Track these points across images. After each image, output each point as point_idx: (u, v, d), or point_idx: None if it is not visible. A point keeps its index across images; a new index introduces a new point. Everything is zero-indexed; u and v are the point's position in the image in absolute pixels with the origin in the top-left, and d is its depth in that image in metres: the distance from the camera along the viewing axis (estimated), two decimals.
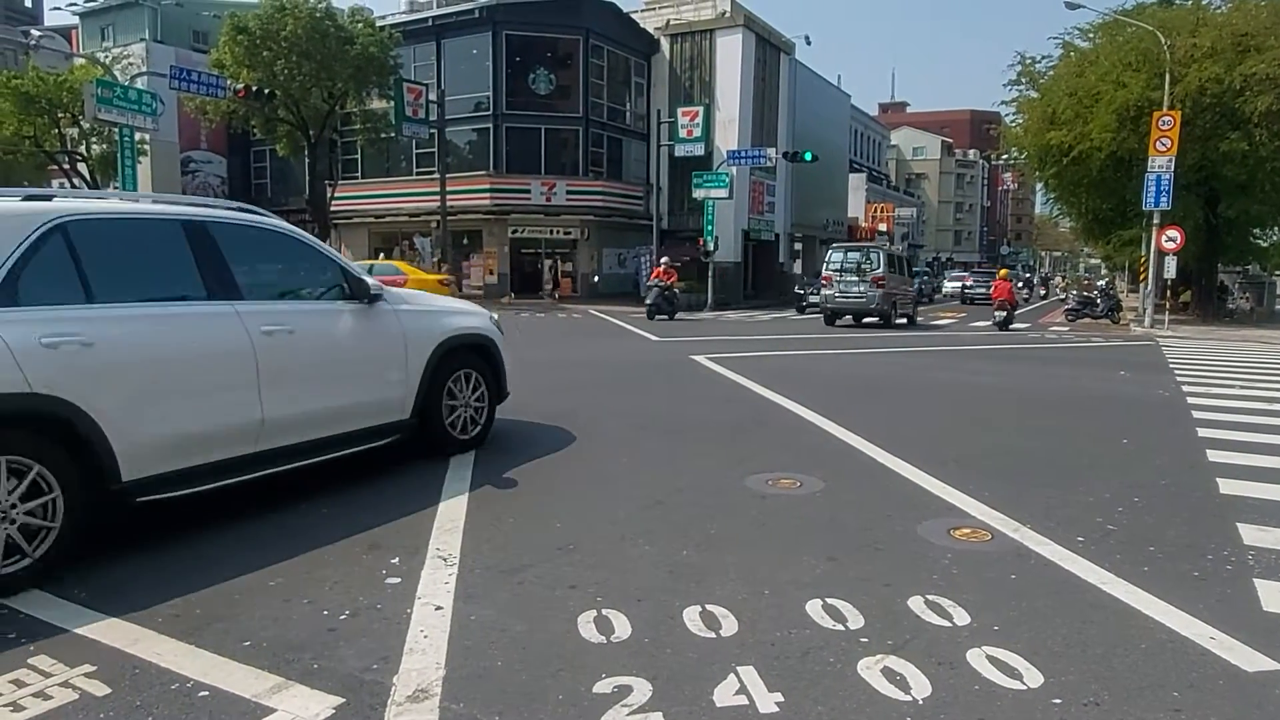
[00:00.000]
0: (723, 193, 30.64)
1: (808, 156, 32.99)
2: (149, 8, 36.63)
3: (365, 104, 29.14)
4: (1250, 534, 4.46)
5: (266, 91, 24.00)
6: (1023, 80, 25.81)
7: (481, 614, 3.38)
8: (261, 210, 5.12)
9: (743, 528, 4.56)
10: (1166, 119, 20.01)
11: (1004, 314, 21.19)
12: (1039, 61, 25.69)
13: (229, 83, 24.04)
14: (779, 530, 4.52)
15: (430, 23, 32.80)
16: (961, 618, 3.38)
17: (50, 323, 3.64)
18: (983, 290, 35.35)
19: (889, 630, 3.26)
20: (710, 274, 30.29)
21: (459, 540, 4.23)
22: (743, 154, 31.97)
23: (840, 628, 3.28)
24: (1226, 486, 5.43)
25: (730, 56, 35.21)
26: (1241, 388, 10.47)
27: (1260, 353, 15.75)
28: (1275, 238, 32.13)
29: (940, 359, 14.17)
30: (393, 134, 29.18)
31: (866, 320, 21.08)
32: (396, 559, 3.96)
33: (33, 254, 3.70)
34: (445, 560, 3.95)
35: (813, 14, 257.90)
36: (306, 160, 28.68)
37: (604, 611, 3.38)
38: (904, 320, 22.02)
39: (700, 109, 32.24)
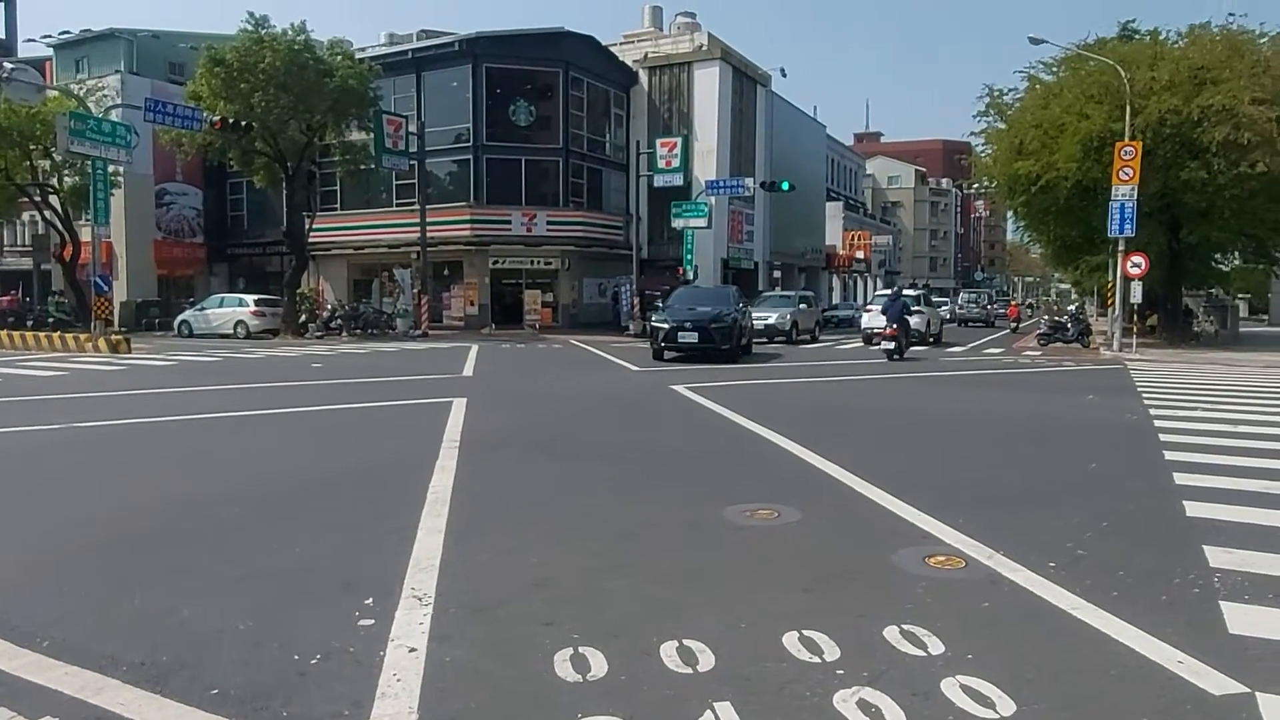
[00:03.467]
0: (702, 222, 30.93)
1: (785, 186, 33.49)
2: (124, 39, 36.61)
3: (344, 136, 29.20)
4: (1216, 556, 4.54)
5: (243, 124, 24.01)
6: (991, 112, 26.34)
7: (456, 655, 3.36)
8: None
9: (720, 560, 4.58)
10: (1128, 149, 20.50)
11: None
12: (1006, 94, 26.26)
13: (205, 115, 24.05)
14: (756, 562, 4.54)
15: (410, 55, 33.03)
16: (936, 647, 3.41)
17: None
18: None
19: (865, 661, 3.28)
20: None
21: (434, 578, 4.21)
22: (721, 184, 32.35)
23: (816, 660, 3.30)
24: (1193, 509, 5.52)
25: (708, 88, 35.74)
26: (1207, 410, 10.66)
27: (1225, 375, 16.04)
28: (1236, 262, 32.79)
29: (915, 386, 14.31)
30: (372, 166, 29.23)
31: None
32: (370, 599, 3.94)
33: None
34: (420, 600, 3.93)
35: (788, 47, 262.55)
36: (284, 192, 28.60)
37: (580, 649, 3.37)
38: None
39: (679, 140, 32.63)
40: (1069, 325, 25.39)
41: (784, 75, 41.84)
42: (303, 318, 29.43)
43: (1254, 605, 3.87)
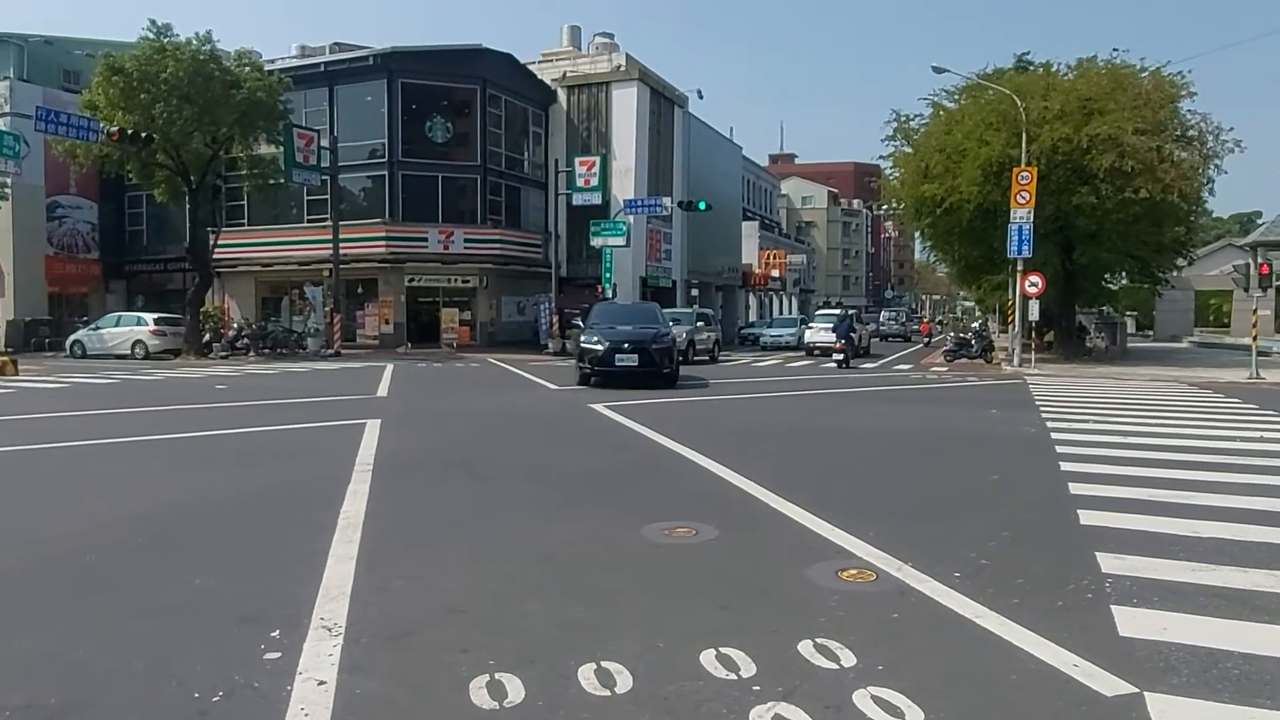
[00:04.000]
0: (620, 241, 31.13)
1: (702, 205, 34.02)
2: (14, 45, 34.66)
3: (252, 149, 28.27)
4: (1108, 562, 4.78)
5: (143, 135, 23.02)
6: (898, 136, 27.36)
7: (368, 686, 3.26)
8: None
9: (638, 579, 4.59)
10: (1025, 174, 21.62)
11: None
12: (912, 119, 27.36)
13: (102, 125, 22.94)
14: (673, 580, 4.57)
15: (323, 68, 32.32)
16: (848, 659, 3.49)
17: None
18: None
19: (780, 676, 3.33)
20: None
21: (345, 607, 4.09)
22: (639, 203, 32.64)
23: (733, 677, 3.33)
24: (1086, 517, 5.81)
25: (626, 108, 36.09)
26: (1099, 421, 11.25)
27: (1115, 388, 16.98)
28: (1124, 282, 34.80)
29: (829, 402, 14.67)
30: (282, 180, 28.37)
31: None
32: (277, 632, 3.79)
33: None
34: (330, 630, 3.80)
35: (704, 69, 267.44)
36: (187, 207, 27.46)
37: (496, 675, 3.32)
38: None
39: (597, 159, 32.80)
40: (973, 342, 26.51)
41: (701, 97, 42.80)
42: (207, 337, 28.26)
43: (1142, 608, 4.09)
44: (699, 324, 26.62)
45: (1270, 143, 77.37)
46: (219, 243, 29.62)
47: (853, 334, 24.58)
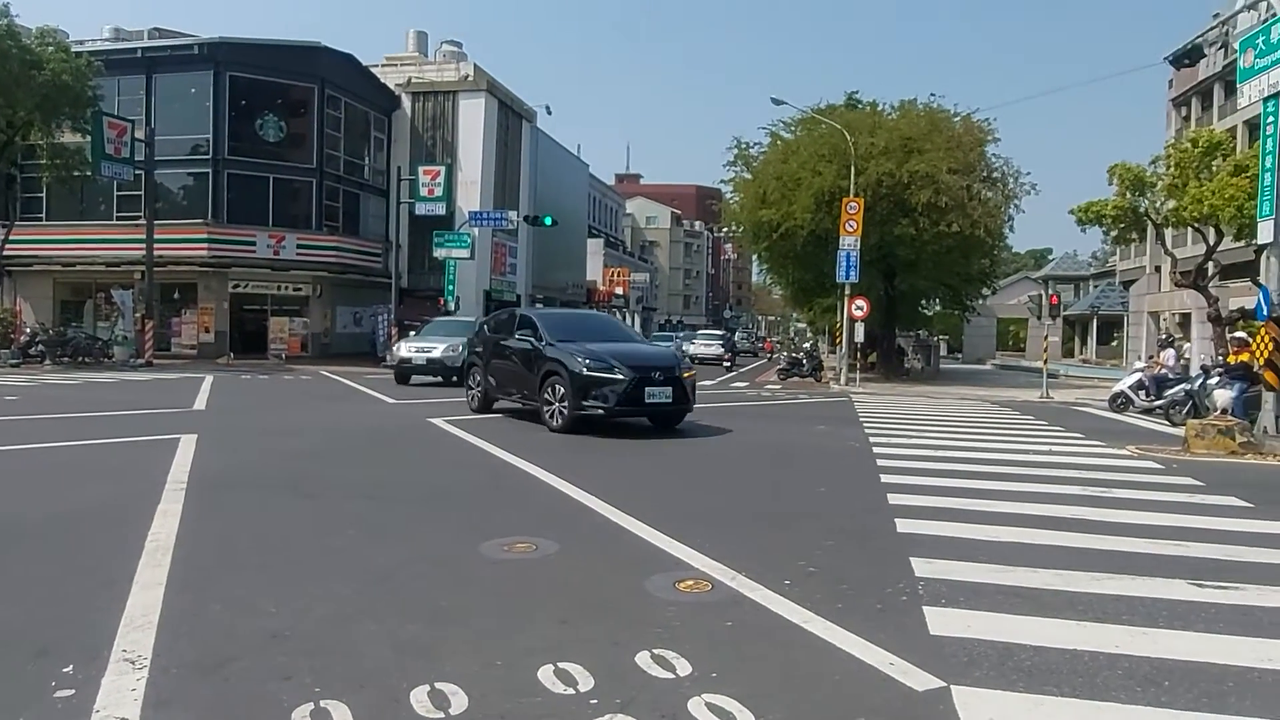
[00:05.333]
0: (464, 253, 30.63)
1: (548, 220, 34.06)
2: None
3: (55, 137, 25.70)
4: (920, 566, 5.15)
5: None
6: (739, 163, 28.60)
7: None
8: None
9: (476, 597, 4.49)
10: (853, 204, 23.13)
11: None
12: (752, 147, 28.65)
13: None
14: (513, 596, 4.51)
15: (140, 54, 29.95)
16: (684, 668, 3.56)
17: None
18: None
19: (617, 688, 3.35)
20: None
21: (151, 637, 3.75)
22: (485, 215, 32.29)
23: (571, 691, 3.32)
24: (903, 525, 6.24)
25: (473, 119, 35.63)
26: (913, 436, 12.13)
27: (929, 406, 18.38)
28: (937, 308, 37.78)
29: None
30: (88, 173, 25.92)
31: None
32: (71, 666, 3.42)
33: None
34: (133, 663, 3.48)
35: (552, 86, 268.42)
36: None
37: (322, 703, 3.15)
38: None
39: (442, 169, 32.15)
40: (804, 361, 27.91)
41: (549, 113, 43.20)
42: None
43: (949, 608, 4.42)
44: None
45: (1059, 187, 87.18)
46: (11, 238, 26.68)
47: (735, 347, 39.45)
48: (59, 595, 4.35)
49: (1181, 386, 15.67)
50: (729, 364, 33.83)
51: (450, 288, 30.16)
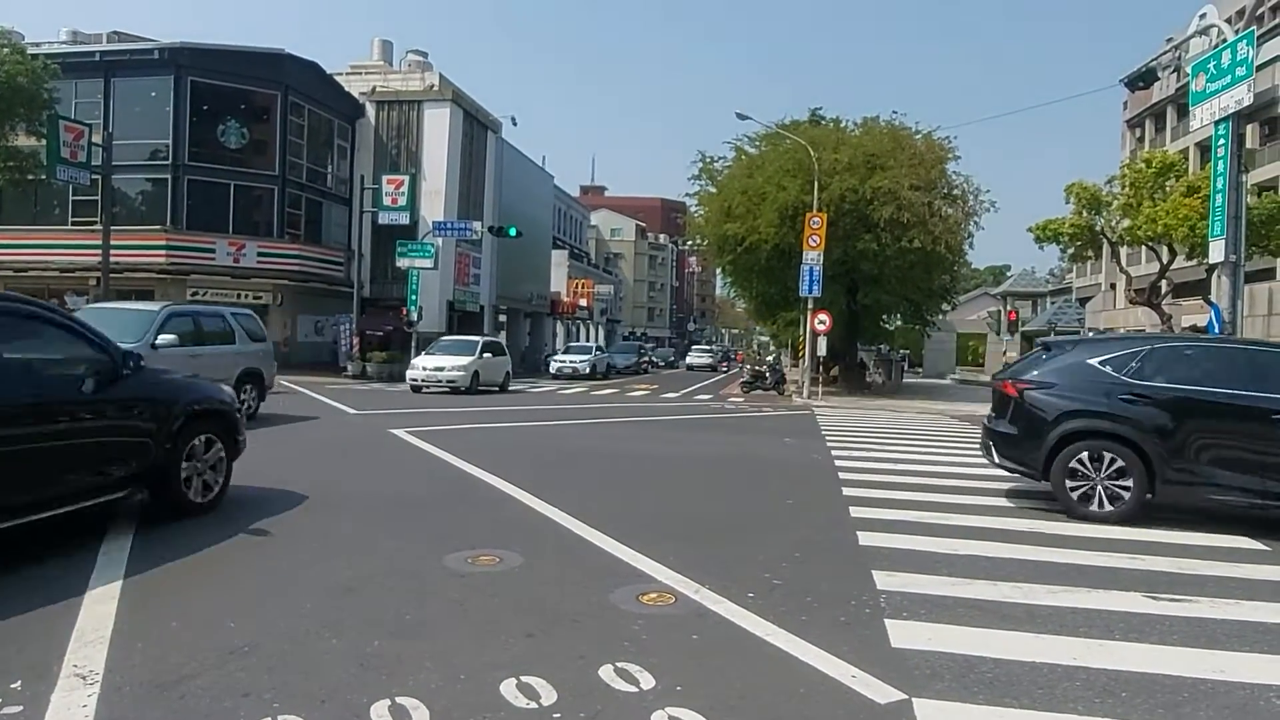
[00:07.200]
0: (428, 263, 30.38)
1: (512, 231, 33.93)
2: None
3: (8, 140, 25.05)
4: (882, 579, 5.21)
5: None
6: (704, 176, 28.76)
7: None
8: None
9: (440, 610, 4.45)
10: (816, 219, 23.37)
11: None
12: (717, 161, 28.85)
13: None
14: (477, 610, 4.47)
15: (98, 58, 29.34)
16: (648, 682, 3.56)
17: None
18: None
19: (581, 703, 3.34)
20: (414, 344, 29.63)
21: (104, 652, 3.66)
22: (449, 225, 32.07)
23: (534, 705, 3.30)
24: (865, 538, 6.30)
25: (438, 129, 35.44)
26: (875, 450, 12.26)
27: (890, 419, 18.60)
28: (899, 322, 38.32)
29: (636, 429, 15.00)
30: (43, 177, 25.30)
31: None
32: (18, 683, 3.33)
33: None
34: (84, 679, 3.39)
35: (517, 97, 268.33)
36: None
37: (280, 718, 3.10)
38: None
39: (406, 178, 31.90)
40: (767, 374, 28.08)
41: (515, 124, 42.85)
42: None
43: (911, 621, 4.48)
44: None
45: (1017, 205, 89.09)
46: None
47: (729, 357, 49.40)
48: (5, 603, 4.22)
49: None
50: (724, 370, 44.38)
51: (413, 298, 29.89)
